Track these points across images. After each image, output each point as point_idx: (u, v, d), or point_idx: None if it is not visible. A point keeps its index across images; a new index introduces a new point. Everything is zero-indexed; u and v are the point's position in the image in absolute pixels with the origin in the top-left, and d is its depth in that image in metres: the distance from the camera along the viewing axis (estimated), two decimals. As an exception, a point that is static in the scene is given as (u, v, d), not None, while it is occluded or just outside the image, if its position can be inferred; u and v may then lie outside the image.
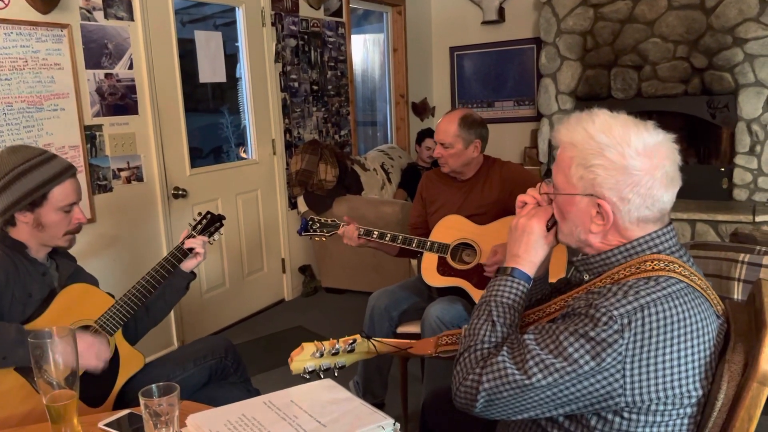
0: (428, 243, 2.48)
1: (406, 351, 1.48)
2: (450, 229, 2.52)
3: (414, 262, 3.78)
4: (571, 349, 1.06)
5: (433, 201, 2.70)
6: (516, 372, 1.09)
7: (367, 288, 3.90)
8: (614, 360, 1.05)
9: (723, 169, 4.71)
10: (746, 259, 2.37)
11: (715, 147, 4.85)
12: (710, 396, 1.11)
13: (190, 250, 2.01)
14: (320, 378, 1.36)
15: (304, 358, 1.36)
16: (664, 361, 1.06)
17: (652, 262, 1.13)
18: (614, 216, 1.15)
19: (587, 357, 1.05)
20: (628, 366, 1.05)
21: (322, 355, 1.37)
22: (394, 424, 1.11)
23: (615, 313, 1.05)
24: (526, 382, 1.08)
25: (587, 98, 5.09)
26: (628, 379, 1.06)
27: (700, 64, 4.65)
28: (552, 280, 1.46)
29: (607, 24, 4.93)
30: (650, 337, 1.05)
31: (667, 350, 1.06)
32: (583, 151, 1.15)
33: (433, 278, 2.50)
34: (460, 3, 5.89)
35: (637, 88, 4.90)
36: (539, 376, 1.08)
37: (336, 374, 1.41)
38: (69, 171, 1.80)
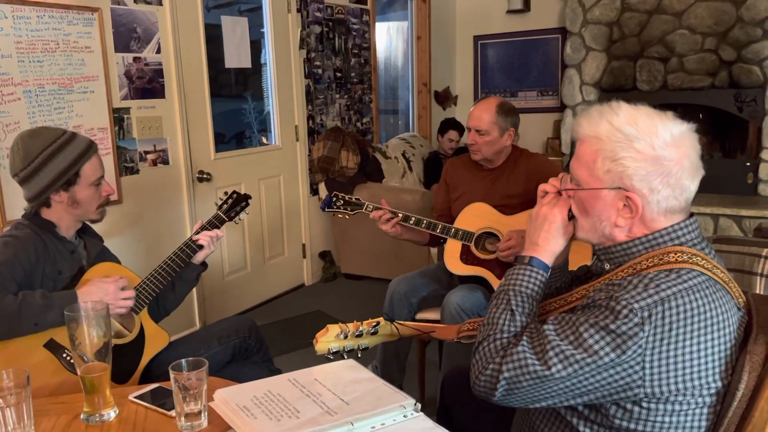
0: (453, 230, 2.48)
1: (428, 334, 1.50)
2: (475, 217, 2.51)
3: (434, 249, 3.79)
4: (591, 341, 1.07)
5: (456, 187, 2.70)
6: (536, 362, 1.11)
7: (385, 275, 3.93)
8: (634, 353, 1.06)
9: (749, 164, 4.65)
10: (770, 255, 2.35)
11: (741, 141, 4.78)
12: (731, 386, 1.12)
13: (200, 246, 2.04)
14: (344, 359, 1.39)
15: (328, 339, 1.39)
16: (683, 354, 1.07)
17: (675, 254, 1.13)
18: (642, 208, 1.15)
19: (607, 349, 1.06)
20: (647, 358, 1.06)
21: (346, 337, 1.40)
22: (415, 404, 1.13)
23: (635, 306, 1.06)
24: (546, 372, 1.09)
25: (612, 89, 5.04)
26: (647, 371, 1.06)
27: (728, 56, 4.58)
28: (573, 267, 1.47)
29: (634, 15, 4.87)
30: (670, 330, 1.06)
31: (687, 343, 1.07)
32: (610, 144, 1.15)
33: (456, 266, 2.51)
34: (485, -9, 5.86)
35: (662, 80, 4.85)
36: (559, 366, 1.09)
37: (359, 356, 1.43)
38: (93, 146, 1.86)
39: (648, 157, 1.12)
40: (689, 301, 1.07)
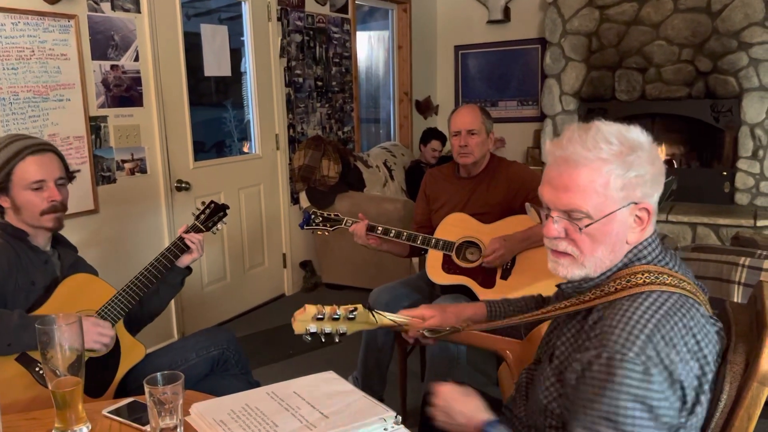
0: (433, 240, 2.49)
1: (402, 327, 1.48)
2: (455, 226, 2.52)
3: (415, 259, 3.78)
4: (623, 411, 1.03)
5: (436, 198, 2.70)
6: None
7: (367, 284, 3.91)
8: (665, 387, 1.04)
9: (725, 173, 4.72)
10: (747, 263, 2.38)
11: (717, 151, 4.85)
12: (714, 396, 1.12)
13: (186, 246, 2.01)
14: (322, 341, 1.37)
15: (306, 318, 1.37)
16: (685, 366, 1.06)
17: (642, 274, 1.13)
18: (650, 215, 1.15)
19: (638, 405, 1.03)
20: (675, 375, 1.04)
21: (323, 318, 1.37)
22: (396, 417, 1.12)
23: (631, 354, 1.03)
24: None
25: (591, 99, 5.09)
26: (682, 378, 1.05)
27: (704, 67, 4.65)
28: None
29: (612, 25, 4.93)
30: (668, 355, 1.04)
31: (684, 360, 1.06)
32: (617, 160, 1.12)
33: (439, 276, 2.51)
34: (465, 2, 5.90)
35: (641, 90, 4.91)
36: None
37: (337, 340, 1.41)
38: (30, 148, 1.76)
39: (647, 163, 1.13)
40: (670, 328, 1.06)
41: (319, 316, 1.37)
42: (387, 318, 1.46)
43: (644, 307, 1.08)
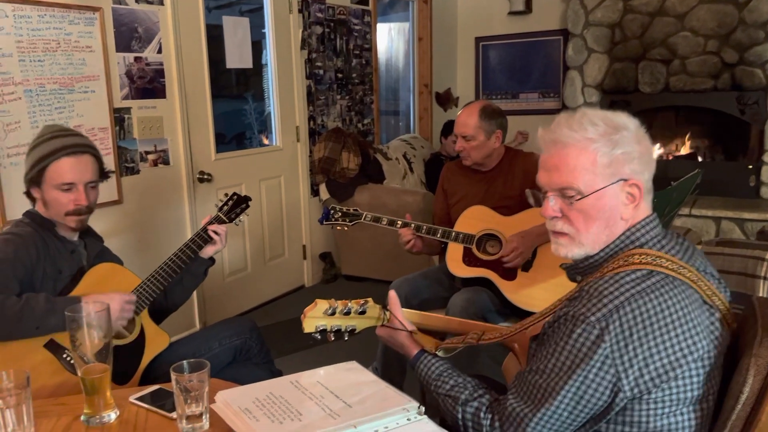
0: (453, 233, 2.49)
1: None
2: (474, 219, 2.52)
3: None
4: (559, 364, 1.11)
5: (454, 192, 2.70)
6: (525, 407, 1.14)
7: (386, 276, 3.92)
8: (600, 356, 1.08)
9: (751, 167, 4.63)
10: (773, 258, 2.34)
11: (743, 144, 4.77)
12: (734, 388, 1.11)
13: (210, 238, 2.03)
14: (328, 341, 1.37)
15: (316, 314, 1.36)
16: (650, 351, 1.08)
17: (640, 255, 1.16)
18: (642, 191, 1.19)
19: (577, 361, 1.10)
20: (618, 361, 1.08)
21: (333, 313, 1.37)
22: (419, 407, 1.12)
23: (592, 318, 1.09)
24: (542, 408, 1.12)
25: (614, 91, 5.03)
26: (620, 369, 1.08)
27: (730, 59, 4.57)
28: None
29: (636, 17, 4.86)
30: (631, 335, 1.08)
31: (651, 342, 1.09)
32: (602, 139, 1.17)
33: (459, 269, 2.50)
34: (486, -7, 5.86)
35: (665, 82, 4.84)
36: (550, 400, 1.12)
37: (346, 338, 1.41)
38: (67, 149, 1.77)
39: (633, 141, 1.18)
40: (643, 303, 1.09)
41: (330, 312, 1.37)
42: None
43: (624, 281, 1.12)
